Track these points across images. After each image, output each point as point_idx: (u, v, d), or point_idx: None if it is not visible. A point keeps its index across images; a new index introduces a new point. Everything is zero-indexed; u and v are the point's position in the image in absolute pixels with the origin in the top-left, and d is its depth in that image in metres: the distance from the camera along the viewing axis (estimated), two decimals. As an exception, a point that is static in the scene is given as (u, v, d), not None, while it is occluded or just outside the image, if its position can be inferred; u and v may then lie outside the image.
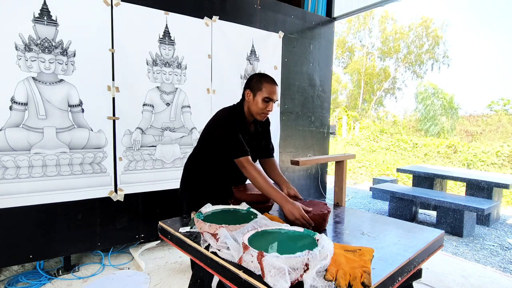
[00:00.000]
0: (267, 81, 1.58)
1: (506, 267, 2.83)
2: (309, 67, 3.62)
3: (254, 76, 1.63)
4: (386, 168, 8.70)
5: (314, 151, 3.78)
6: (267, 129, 1.85)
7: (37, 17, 2.02)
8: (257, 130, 1.75)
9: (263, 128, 1.81)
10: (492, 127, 13.20)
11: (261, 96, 1.56)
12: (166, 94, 2.58)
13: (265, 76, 1.61)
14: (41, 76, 2.06)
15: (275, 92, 1.58)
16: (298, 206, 1.32)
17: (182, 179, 1.81)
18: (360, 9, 3.82)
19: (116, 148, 2.37)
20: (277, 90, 1.59)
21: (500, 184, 4.00)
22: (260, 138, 1.79)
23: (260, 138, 1.79)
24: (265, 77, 1.60)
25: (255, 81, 1.59)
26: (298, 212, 1.30)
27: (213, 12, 2.78)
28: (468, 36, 32.53)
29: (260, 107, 1.58)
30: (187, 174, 1.79)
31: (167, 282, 2.27)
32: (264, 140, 1.82)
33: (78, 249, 2.34)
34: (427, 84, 16.47)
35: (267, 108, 1.58)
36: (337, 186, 2.04)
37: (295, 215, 1.30)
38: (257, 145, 1.76)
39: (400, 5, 36.66)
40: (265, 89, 1.56)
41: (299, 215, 1.29)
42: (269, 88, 1.56)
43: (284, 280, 0.82)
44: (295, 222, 1.30)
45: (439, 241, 1.34)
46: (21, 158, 2.02)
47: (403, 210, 4.14)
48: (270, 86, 1.57)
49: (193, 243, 1.18)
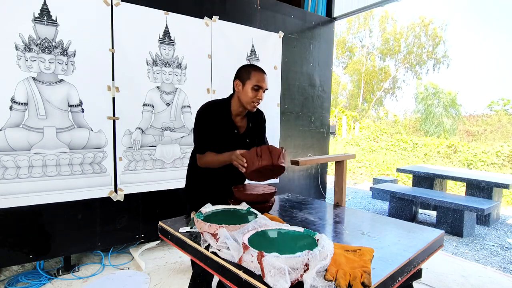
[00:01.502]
0: (255, 70, 1.58)
1: (506, 267, 2.83)
2: (309, 67, 3.62)
3: (242, 66, 1.64)
4: (386, 168, 8.70)
5: (314, 151, 3.78)
6: (261, 126, 1.84)
7: (37, 17, 2.02)
8: (249, 127, 1.73)
9: (256, 125, 1.79)
10: (493, 127, 13.20)
11: (250, 84, 1.56)
12: (166, 94, 2.58)
13: (252, 65, 1.62)
14: (41, 76, 2.06)
15: (264, 79, 1.58)
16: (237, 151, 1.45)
17: (186, 178, 1.83)
18: (360, 9, 3.82)
19: (116, 148, 2.37)
20: (265, 78, 1.59)
21: (500, 184, 4.00)
22: (254, 135, 1.77)
23: (254, 136, 1.77)
24: (253, 66, 1.61)
25: (243, 71, 1.61)
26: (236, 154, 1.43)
27: (213, 12, 2.78)
28: (468, 36, 32.55)
29: (250, 96, 1.58)
30: (188, 173, 1.80)
31: (167, 282, 2.27)
32: (258, 138, 1.81)
33: (78, 249, 2.34)
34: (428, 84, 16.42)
35: (256, 96, 1.58)
36: (337, 186, 2.04)
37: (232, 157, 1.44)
38: (250, 142, 1.74)
39: (400, 5, 36.67)
40: (253, 77, 1.56)
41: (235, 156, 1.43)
42: (257, 76, 1.56)
43: (284, 280, 0.82)
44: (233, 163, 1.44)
45: (439, 241, 1.34)
46: (21, 158, 2.02)
47: (403, 210, 4.14)
48: (258, 74, 1.57)
49: (193, 243, 1.18)
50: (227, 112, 1.65)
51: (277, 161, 1.36)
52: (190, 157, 1.81)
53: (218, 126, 1.62)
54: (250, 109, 1.64)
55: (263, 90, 1.59)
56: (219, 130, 1.63)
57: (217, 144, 1.62)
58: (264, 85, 1.58)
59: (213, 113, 1.63)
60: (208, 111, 1.63)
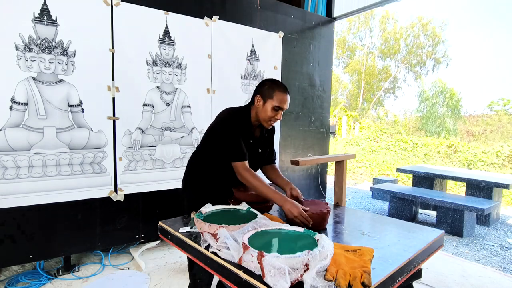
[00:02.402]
0: (280, 90, 1.54)
1: (506, 267, 2.83)
2: (309, 67, 3.62)
3: (267, 82, 1.59)
4: (386, 168, 8.70)
5: (314, 151, 3.78)
6: (272, 136, 1.84)
7: (37, 17, 2.02)
8: (262, 136, 1.73)
9: (269, 135, 1.79)
10: (493, 128, 13.20)
11: (271, 104, 1.53)
12: (166, 94, 2.58)
13: (278, 83, 1.57)
14: (41, 76, 2.06)
15: (286, 101, 1.54)
16: (297, 205, 1.35)
17: (184, 177, 1.81)
18: (360, 9, 3.82)
19: (116, 148, 2.37)
20: (288, 99, 1.55)
21: (500, 184, 4.00)
22: (266, 145, 1.76)
23: (266, 145, 1.76)
24: (278, 84, 1.56)
25: (267, 87, 1.56)
26: (297, 211, 1.32)
27: (213, 12, 2.78)
28: (468, 36, 32.55)
29: (269, 115, 1.55)
30: (189, 173, 1.79)
31: (167, 282, 2.27)
32: (269, 149, 1.80)
33: (78, 249, 2.34)
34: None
35: (276, 116, 1.56)
36: (337, 186, 2.04)
37: (294, 213, 1.32)
38: (262, 152, 1.74)
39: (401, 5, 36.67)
40: (276, 98, 1.52)
41: (298, 213, 1.32)
42: (280, 97, 1.53)
43: (284, 280, 0.82)
44: (294, 220, 1.32)
45: (439, 241, 1.34)
46: (21, 158, 2.02)
47: (403, 210, 4.14)
48: (282, 95, 1.53)
49: (193, 243, 1.18)
50: (247, 121, 1.62)
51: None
52: (191, 157, 1.80)
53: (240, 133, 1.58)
54: (266, 127, 1.62)
55: (283, 110, 1.57)
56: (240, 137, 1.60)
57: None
58: (286, 106, 1.55)
59: (237, 121, 1.58)
60: (235, 118, 1.58)
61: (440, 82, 16.07)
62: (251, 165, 1.61)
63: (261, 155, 1.74)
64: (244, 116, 1.61)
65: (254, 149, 1.67)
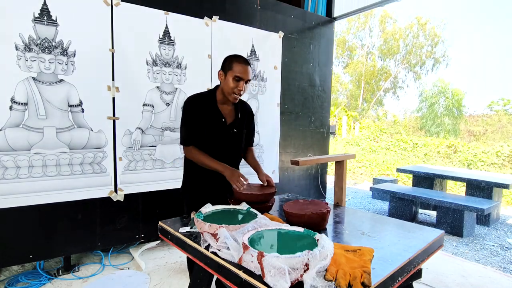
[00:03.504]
0: (238, 61, 1.59)
1: (506, 267, 2.83)
2: (309, 67, 3.62)
3: (228, 57, 1.65)
4: (386, 168, 8.70)
5: (314, 151, 3.78)
6: (250, 120, 1.86)
7: (37, 17, 2.02)
8: (237, 117, 1.74)
9: (244, 117, 1.80)
10: (493, 128, 13.20)
11: (231, 75, 1.58)
12: (166, 94, 2.58)
13: (237, 56, 1.63)
14: (41, 76, 2.06)
15: (246, 71, 1.58)
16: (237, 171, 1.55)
17: (183, 180, 1.82)
18: (360, 9, 3.82)
19: (116, 148, 2.37)
20: (248, 69, 1.59)
21: (500, 184, 4.00)
22: (241, 126, 1.78)
23: (241, 126, 1.78)
24: (237, 57, 1.62)
25: (227, 62, 1.62)
26: (238, 174, 1.52)
27: (213, 12, 2.78)
28: (468, 35, 32.54)
29: (231, 86, 1.59)
30: (185, 171, 1.80)
31: (167, 282, 2.27)
32: (247, 130, 1.83)
33: (78, 249, 2.34)
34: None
35: (237, 87, 1.59)
36: (337, 186, 2.04)
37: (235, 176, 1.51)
38: (238, 132, 1.75)
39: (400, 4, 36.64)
40: (235, 68, 1.57)
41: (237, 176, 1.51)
42: (239, 67, 1.57)
43: (284, 280, 0.82)
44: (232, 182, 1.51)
45: (439, 241, 1.34)
46: (21, 158, 2.02)
47: (403, 210, 4.14)
48: (240, 65, 1.58)
49: (193, 243, 1.18)
50: (212, 101, 1.67)
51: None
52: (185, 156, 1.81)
53: (204, 116, 1.64)
54: (231, 100, 1.65)
55: (245, 82, 1.60)
56: (205, 120, 1.65)
57: (204, 133, 1.65)
58: (246, 76, 1.58)
59: (198, 103, 1.66)
60: (193, 101, 1.66)
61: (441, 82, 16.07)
62: (227, 144, 1.70)
63: (238, 135, 1.76)
64: (206, 97, 1.68)
65: (228, 128, 1.70)
